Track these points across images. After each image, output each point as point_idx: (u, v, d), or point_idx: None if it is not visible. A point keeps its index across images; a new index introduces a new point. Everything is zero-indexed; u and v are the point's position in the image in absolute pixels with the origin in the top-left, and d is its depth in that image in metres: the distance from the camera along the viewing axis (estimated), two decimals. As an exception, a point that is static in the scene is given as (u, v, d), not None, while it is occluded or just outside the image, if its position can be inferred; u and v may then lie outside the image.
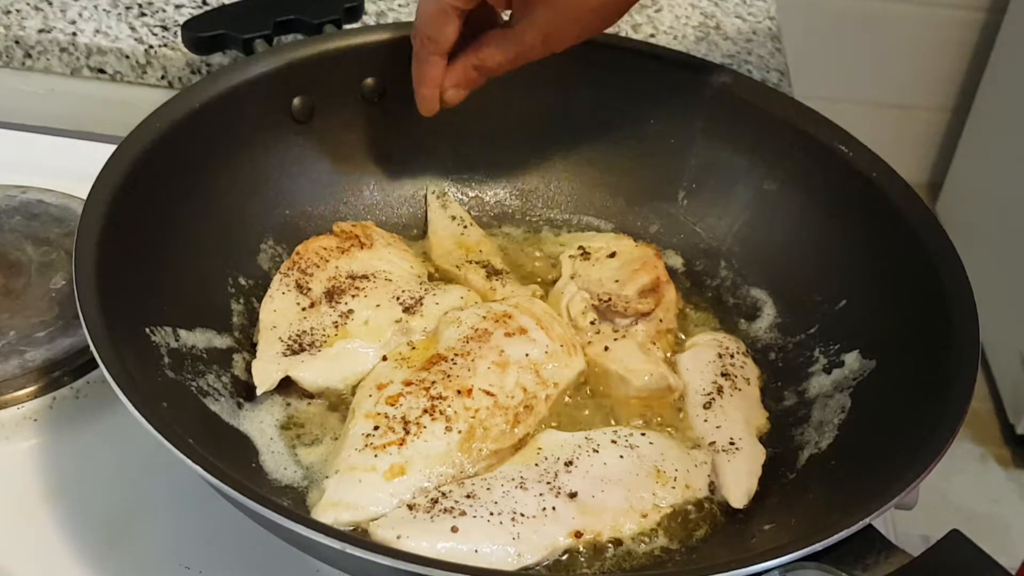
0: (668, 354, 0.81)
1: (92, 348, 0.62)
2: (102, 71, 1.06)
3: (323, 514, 0.65)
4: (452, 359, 0.73)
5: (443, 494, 0.66)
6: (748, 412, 0.77)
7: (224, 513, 0.65)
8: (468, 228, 0.89)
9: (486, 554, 0.63)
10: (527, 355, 0.75)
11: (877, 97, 2.57)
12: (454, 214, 0.90)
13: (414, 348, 0.76)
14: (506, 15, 0.82)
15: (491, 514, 0.65)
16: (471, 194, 0.93)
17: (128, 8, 1.09)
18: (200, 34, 0.93)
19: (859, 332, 0.78)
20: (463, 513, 0.65)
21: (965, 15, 2.45)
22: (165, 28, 1.07)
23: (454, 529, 0.64)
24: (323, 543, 0.55)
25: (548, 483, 0.68)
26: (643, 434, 0.73)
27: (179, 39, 1.02)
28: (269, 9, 0.93)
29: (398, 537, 0.63)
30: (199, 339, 0.74)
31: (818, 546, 0.57)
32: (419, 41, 0.79)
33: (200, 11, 1.07)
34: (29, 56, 1.05)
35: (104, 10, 1.08)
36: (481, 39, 0.79)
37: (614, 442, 0.71)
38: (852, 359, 0.77)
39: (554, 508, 0.66)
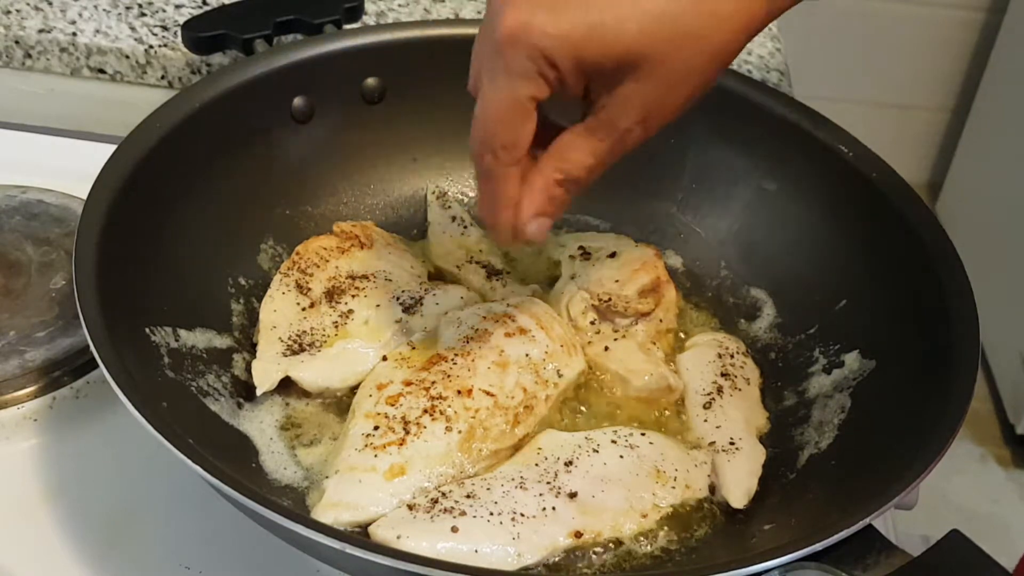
0: (668, 354, 0.81)
1: (92, 348, 0.62)
2: (102, 71, 1.06)
3: (323, 514, 0.65)
4: (452, 359, 0.73)
5: (443, 494, 0.66)
6: (748, 412, 0.77)
7: (224, 513, 0.65)
8: (468, 228, 0.89)
9: (486, 554, 0.63)
10: (527, 355, 0.75)
11: (877, 97, 2.57)
12: (454, 214, 0.90)
13: (414, 348, 0.76)
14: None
15: (491, 514, 0.65)
16: (471, 194, 0.93)
17: (128, 8, 1.09)
18: (200, 34, 0.93)
19: (859, 332, 0.78)
20: (463, 513, 0.65)
21: (965, 15, 2.45)
22: (165, 28, 1.07)
23: (454, 529, 0.64)
24: (323, 543, 0.55)
25: (548, 483, 0.68)
26: (643, 434, 0.73)
27: (179, 39, 1.02)
28: (269, 9, 0.93)
29: (398, 537, 0.63)
30: (199, 339, 0.74)
31: (818, 546, 0.57)
32: (490, 155, 0.61)
33: (200, 11, 1.07)
34: (29, 56, 1.05)
35: (104, 10, 1.08)
36: (558, 143, 0.62)
37: (614, 442, 0.71)
38: (852, 359, 0.77)
39: (554, 508, 0.66)
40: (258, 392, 0.73)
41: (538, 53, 0.57)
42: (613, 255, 0.85)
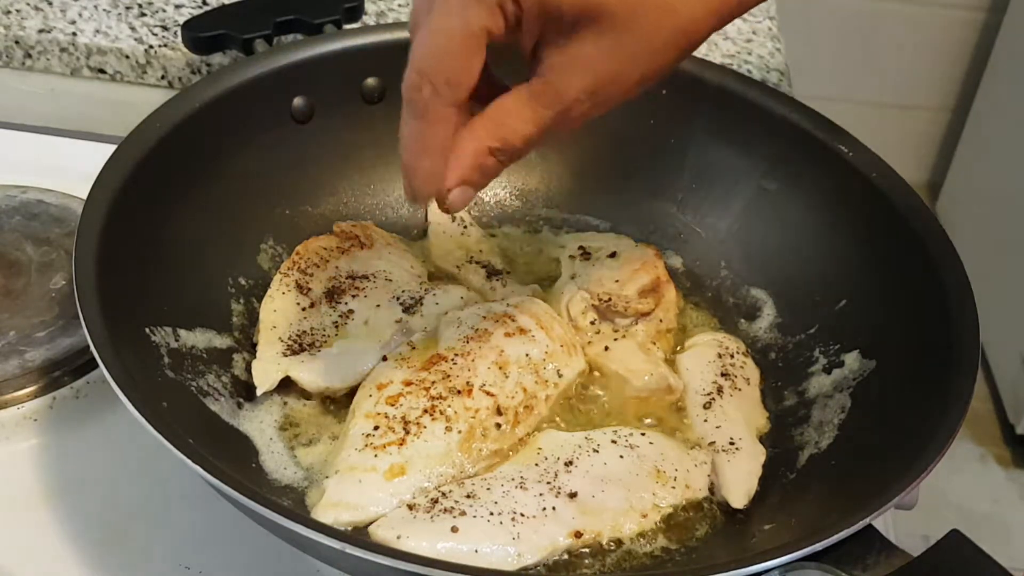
0: (668, 354, 0.81)
1: (92, 348, 0.62)
2: (102, 71, 1.06)
3: (323, 514, 0.65)
4: (452, 359, 0.73)
5: (443, 494, 0.66)
6: (748, 412, 0.77)
7: (224, 513, 0.65)
8: (468, 228, 0.89)
9: (486, 554, 0.63)
10: (527, 355, 0.75)
11: (877, 97, 2.57)
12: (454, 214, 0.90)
13: (414, 348, 0.76)
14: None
15: (491, 514, 0.65)
16: (471, 194, 0.93)
17: (128, 8, 1.09)
18: (200, 34, 0.93)
19: (859, 332, 0.78)
20: (463, 513, 0.65)
21: (965, 15, 2.45)
22: (165, 28, 1.07)
23: (454, 529, 0.64)
24: (323, 543, 0.55)
25: (548, 483, 0.68)
26: (643, 434, 0.73)
27: (179, 39, 1.02)
28: (269, 9, 0.93)
29: (398, 537, 0.63)
30: (199, 339, 0.74)
31: (818, 546, 0.57)
32: (428, 88, 0.54)
33: (200, 11, 1.07)
34: (29, 56, 1.05)
35: (104, 10, 1.08)
36: (497, 106, 0.56)
37: (614, 442, 0.71)
38: (852, 359, 0.77)
39: (554, 508, 0.66)
40: (258, 392, 0.73)
41: None
42: (613, 255, 0.85)
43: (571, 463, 0.69)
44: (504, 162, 0.58)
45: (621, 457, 0.70)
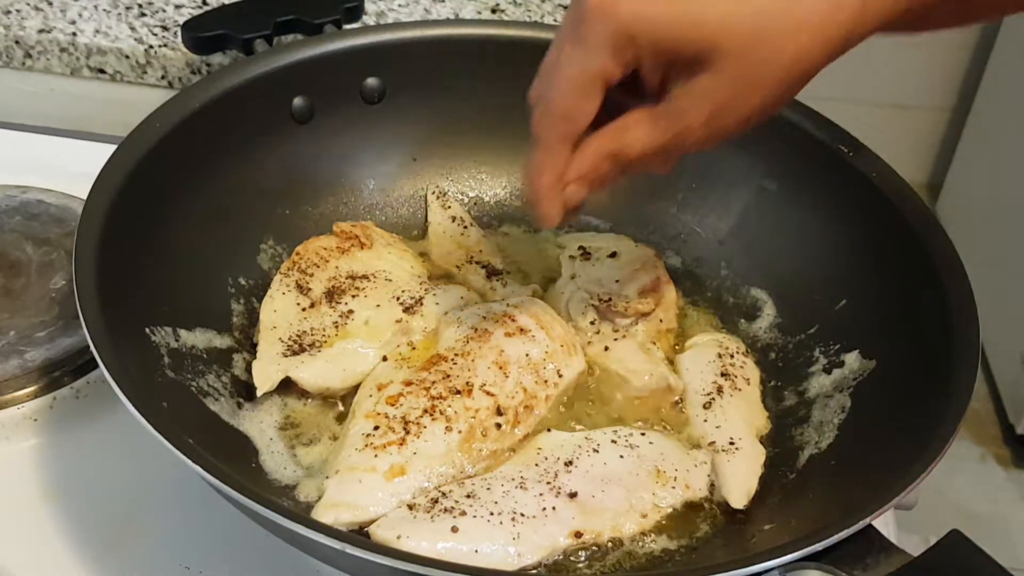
0: (668, 354, 0.81)
1: (92, 348, 0.62)
2: (102, 71, 1.06)
3: (323, 514, 0.65)
4: (452, 359, 0.73)
5: (443, 494, 0.66)
6: (748, 412, 0.77)
7: (224, 513, 0.65)
8: (468, 228, 0.89)
9: (486, 554, 0.63)
10: (527, 355, 0.75)
11: (877, 97, 2.57)
12: (454, 214, 0.90)
13: (414, 348, 0.76)
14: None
15: (491, 514, 0.65)
16: (471, 194, 0.93)
17: (128, 8, 1.09)
18: (200, 34, 0.93)
19: (859, 332, 0.78)
20: (463, 513, 0.65)
21: (965, 15, 2.45)
22: (165, 28, 1.07)
23: (454, 529, 0.64)
24: (323, 543, 0.55)
25: (548, 483, 0.68)
26: (643, 434, 0.73)
27: (179, 39, 1.02)
28: (269, 9, 0.93)
29: (398, 537, 0.63)
30: (199, 339, 0.74)
31: (818, 546, 0.57)
32: (550, 120, 0.61)
33: (200, 11, 1.08)
34: (29, 56, 1.05)
35: (104, 10, 1.08)
36: (621, 118, 0.62)
37: (614, 442, 0.71)
38: (852, 359, 0.77)
39: (554, 508, 0.66)
40: (258, 392, 0.73)
41: (621, 28, 0.58)
42: (613, 255, 0.85)
43: (571, 463, 0.69)
44: (617, 169, 0.63)
45: (621, 457, 0.70)
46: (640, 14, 0.58)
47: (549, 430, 0.73)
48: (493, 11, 1.12)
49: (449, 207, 0.90)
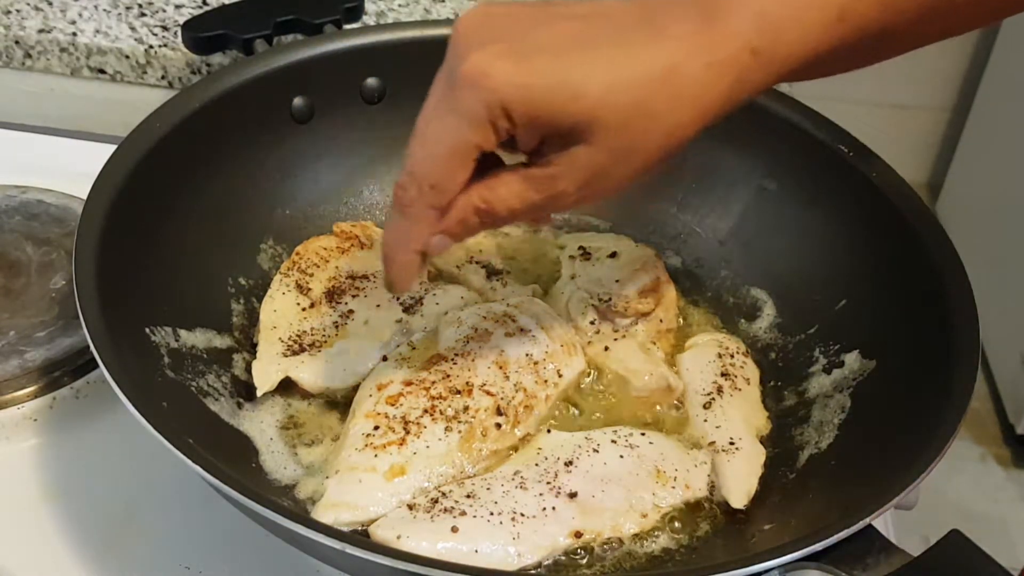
0: (668, 354, 0.81)
1: (92, 348, 0.62)
2: (102, 71, 1.06)
3: (323, 514, 0.65)
4: (452, 359, 0.74)
5: (443, 494, 0.66)
6: (748, 412, 0.77)
7: (224, 513, 0.65)
8: (468, 228, 0.89)
9: (486, 554, 0.63)
10: (527, 355, 0.75)
11: (877, 97, 2.57)
12: (454, 214, 0.90)
13: (414, 348, 0.76)
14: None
15: (491, 514, 0.65)
16: (471, 194, 0.93)
17: (128, 8, 1.09)
18: (200, 34, 0.93)
19: (859, 332, 0.78)
20: (463, 513, 0.65)
21: (965, 15, 2.45)
22: (165, 28, 1.07)
23: (454, 529, 0.64)
24: (323, 543, 0.55)
25: (548, 483, 0.68)
26: (643, 434, 0.73)
27: (179, 39, 1.02)
28: (269, 9, 0.93)
29: (398, 537, 0.63)
30: (199, 339, 0.74)
31: (818, 546, 0.57)
32: (415, 190, 0.59)
33: (200, 11, 1.08)
34: (29, 56, 1.05)
35: (104, 10, 1.08)
36: (493, 176, 0.60)
37: (614, 442, 0.71)
38: (852, 359, 0.77)
39: (554, 508, 0.66)
40: (258, 392, 0.73)
41: (496, 100, 0.55)
42: (613, 255, 0.85)
43: (571, 463, 0.69)
44: (485, 224, 0.61)
45: (621, 457, 0.70)
46: (516, 85, 0.55)
47: (549, 430, 0.73)
48: (493, 11, 1.12)
49: (449, 207, 0.90)
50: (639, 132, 0.57)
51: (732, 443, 0.73)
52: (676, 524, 0.69)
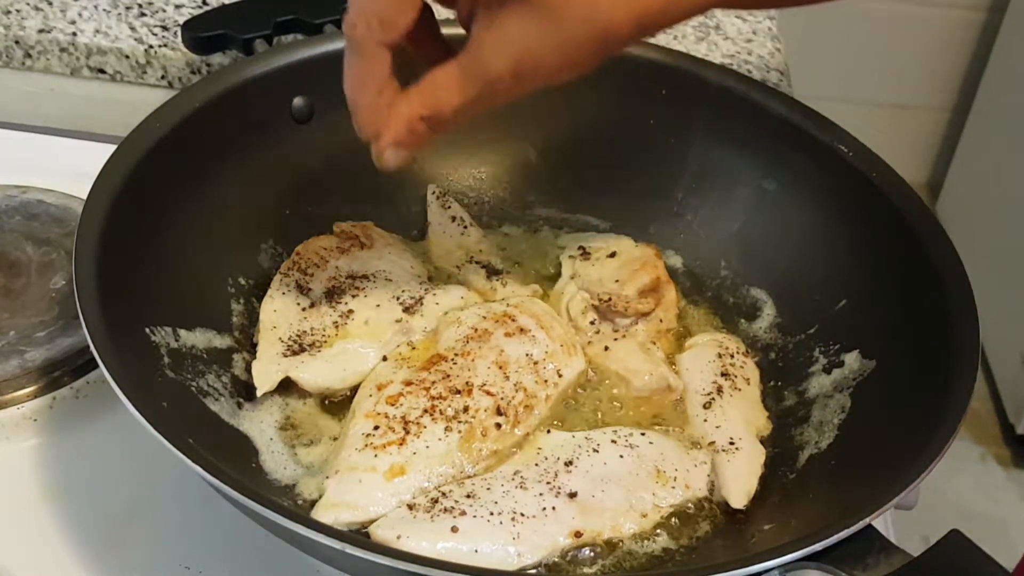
0: (668, 354, 0.81)
1: (92, 348, 0.62)
2: (102, 71, 1.06)
3: (323, 514, 0.65)
4: (452, 359, 0.74)
5: (443, 494, 0.66)
6: (748, 412, 0.77)
7: (224, 513, 0.65)
8: (468, 228, 0.89)
9: (486, 554, 0.63)
10: (527, 355, 0.75)
11: (877, 97, 2.57)
12: (454, 214, 0.90)
13: (414, 348, 0.76)
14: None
15: (491, 514, 0.65)
16: (471, 194, 0.93)
17: (128, 8, 1.09)
18: (200, 34, 0.93)
19: (859, 332, 0.78)
20: (463, 513, 0.65)
21: (965, 15, 2.45)
22: (165, 28, 1.07)
23: (454, 529, 0.64)
24: (323, 543, 0.55)
25: (548, 483, 0.68)
26: (643, 434, 0.73)
27: (179, 39, 1.02)
28: (269, 9, 0.93)
29: (398, 537, 0.63)
30: (199, 339, 0.74)
31: (818, 546, 0.57)
32: (363, 26, 0.58)
33: (200, 11, 1.07)
34: (29, 56, 1.05)
35: (104, 10, 1.08)
36: (428, 78, 0.60)
37: (614, 442, 0.71)
38: (852, 359, 0.77)
39: (554, 508, 0.66)
40: (258, 393, 0.73)
41: None
42: (613, 255, 0.85)
43: (571, 463, 0.69)
44: (435, 129, 0.61)
45: (621, 457, 0.70)
46: None
47: (549, 430, 0.73)
48: (493, 11, 1.12)
49: (449, 207, 0.90)
50: (574, 19, 0.56)
51: (732, 443, 0.73)
52: (676, 524, 0.69)
